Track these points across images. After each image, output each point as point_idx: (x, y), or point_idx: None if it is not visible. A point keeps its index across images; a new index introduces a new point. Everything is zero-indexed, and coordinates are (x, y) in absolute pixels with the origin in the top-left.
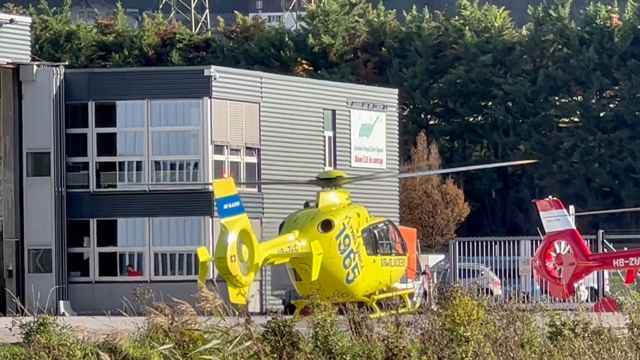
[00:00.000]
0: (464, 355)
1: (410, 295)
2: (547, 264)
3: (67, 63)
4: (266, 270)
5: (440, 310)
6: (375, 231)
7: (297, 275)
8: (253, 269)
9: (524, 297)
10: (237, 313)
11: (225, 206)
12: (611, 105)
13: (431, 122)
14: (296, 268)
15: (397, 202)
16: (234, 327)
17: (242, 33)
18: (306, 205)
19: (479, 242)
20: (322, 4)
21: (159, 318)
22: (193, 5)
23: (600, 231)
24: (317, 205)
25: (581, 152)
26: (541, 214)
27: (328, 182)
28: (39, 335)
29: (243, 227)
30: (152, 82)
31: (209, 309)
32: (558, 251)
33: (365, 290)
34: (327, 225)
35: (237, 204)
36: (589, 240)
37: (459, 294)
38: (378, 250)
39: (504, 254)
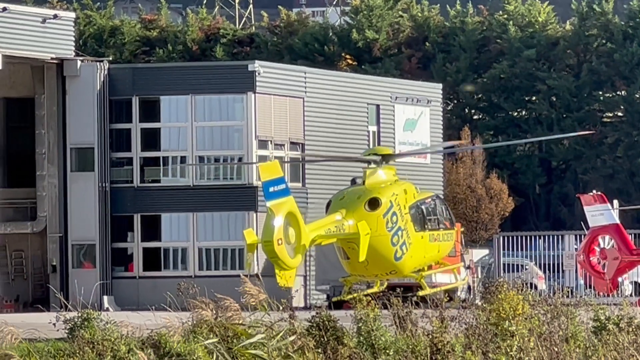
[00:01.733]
0: (509, 350)
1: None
2: (591, 259)
3: (110, 58)
4: (310, 265)
5: (484, 305)
6: (423, 207)
7: (345, 253)
8: (300, 250)
9: (568, 291)
10: (281, 308)
11: (271, 189)
12: None
13: (475, 117)
14: (344, 247)
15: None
16: (278, 322)
17: (286, 28)
18: (353, 182)
19: (523, 237)
20: None
21: (204, 312)
22: (237, 1)
23: None
24: (363, 182)
25: (625, 147)
26: (585, 208)
27: (380, 158)
28: (83, 331)
29: (289, 210)
30: (196, 77)
31: (253, 304)
32: (602, 246)
33: (414, 266)
34: (374, 204)
35: (282, 186)
36: (633, 235)
37: (504, 289)
38: (426, 226)
39: (548, 249)
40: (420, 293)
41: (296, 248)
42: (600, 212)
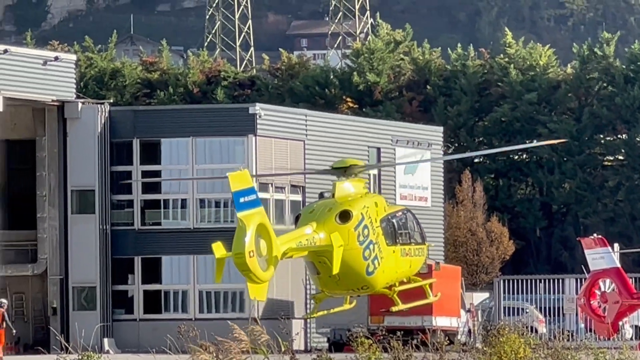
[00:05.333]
0: None
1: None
2: (591, 302)
3: (111, 101)
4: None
5: (485, 348)
6: (394, 221)
7: (315, 268)
8: (272, 262)
9: (568, 335)
10: (282, 350)
11: (242, 199)
12: None
13: (476, 160)
14: (314, 262)
15: (442, 240)
16: None
17: (287, 71)
18: (321, 196)
19: (524, 280)
20: (367, 42)
21: (202, 356)
22: (238, 43)
23: None
24: (332, 196)
25: (626, 190)
26: (586, 252)
27: (342, 170)
28: None
29: (260, 221)
30: (197, 119)
31: (252, 347)
32: (603, 289)
33: (386, 281)
34: (345, 216)
35: (253, 197)
36: (633, 279)
37: (506, 332)
38: (397, 240)
39: (549, 292)
40: (394, 308)
41: (268, 260)
42: (601, 256)
